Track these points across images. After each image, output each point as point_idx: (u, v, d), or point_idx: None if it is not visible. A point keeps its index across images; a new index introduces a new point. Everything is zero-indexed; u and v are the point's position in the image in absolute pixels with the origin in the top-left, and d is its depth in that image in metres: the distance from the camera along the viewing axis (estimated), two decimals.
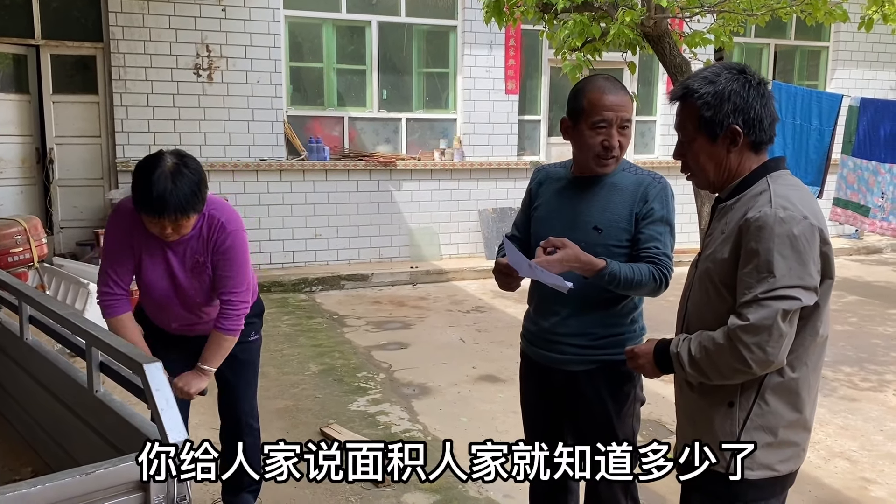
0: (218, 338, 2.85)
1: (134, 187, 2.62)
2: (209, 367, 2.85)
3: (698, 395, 1.95)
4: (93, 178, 8.32)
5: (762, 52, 10.81)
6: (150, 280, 2.85)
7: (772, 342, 1.75)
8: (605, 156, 2.41)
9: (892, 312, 7.33)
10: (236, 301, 2.84)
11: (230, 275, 2.82)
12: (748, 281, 1.78)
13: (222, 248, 2.80)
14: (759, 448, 1.87)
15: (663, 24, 5.10)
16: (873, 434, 4.43)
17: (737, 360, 1.78)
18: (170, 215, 2.60)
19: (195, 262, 2.81)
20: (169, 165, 2.59)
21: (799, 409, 1.89)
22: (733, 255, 1.84)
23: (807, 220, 1.78)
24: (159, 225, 2.64)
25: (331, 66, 8.94)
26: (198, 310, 2.92)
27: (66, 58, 8.13)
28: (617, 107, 2.38)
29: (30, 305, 2.60)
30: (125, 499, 1.69)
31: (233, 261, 2.82)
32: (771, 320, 1.74)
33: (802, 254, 1.76)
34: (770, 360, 1.76)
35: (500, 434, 4.32)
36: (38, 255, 5.65)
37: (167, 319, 2.97)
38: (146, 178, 2.57)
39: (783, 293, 1.74)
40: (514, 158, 9.56)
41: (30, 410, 2.65)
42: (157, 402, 1.76)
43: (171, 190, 2.55)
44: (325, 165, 8.64)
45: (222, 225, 2.80)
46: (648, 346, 2.04)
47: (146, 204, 2.59)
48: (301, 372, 5.38)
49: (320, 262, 8.76)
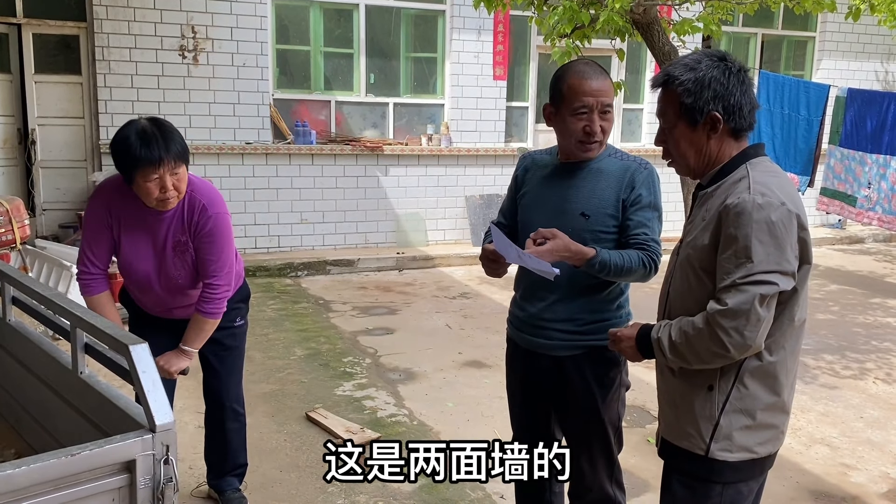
0: (199, 320, 2.84)
1: (122, 152, 2.60)
2: (190, 348, 2.86)
3: (679, 379, 1.97)
4: (76, 160, 8.22)
5: (749, 41, 10.84)
6: (129, 260, 2.83)
7: (750, 326, 1.77)
8: (587, 140, 2.41)
9: (874, 302, 7.41)
10: (217, 284, 2.82)
11: (212, 258, 2.81)
12: (727, 266, 1.81)
13: (204, 232, 2.78)
14: (738, 430, 1.89)
15: (652, 11, 5.10)
16: (853, 421, 4.49)
17: (716, 345, 1.80)
18: (169, 160, 2.58)
19: (177, 242, 2.80)
20: (145, 120, 2.65)
21: (777, 392, 1.92)
22: (713, 241, 1.86)
23: (784, 207, 1.80)
24: (159, 180, 2.60)
25: (318, 49, 8.87)
26: (180, 293, 2.90)
27: (49, 37, 8.01)
28: (597, 92, 2.38)
29: (12, 286, 2.57)
30: (111, 480, 1.67)
31: (213, 244, 2.80)
32: (749, 305, 1.76)
33: (780, 239, 1.78)
34: (748, 344, 1.79)
35: (485, 419, 4.34)
36: (21, 237, 5.59)
37: (149, 301, 2.95)
38: (131, 136, 2.58)
39: (761, 278, 1.77)
40: (502, 145, 9.55)
41: (13, 392, 2.62)
42: (144, 383, 1.75)
43: (160, 135, 2.59)
44: (312, 150, 8.59)
45: (203, 207, 2.77)
46: (631, 330, 2.05)
47: (144, 154, 2.56)
48: (287, 356, 5.37)
49: (306, 246, 8.73)
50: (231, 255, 2.89)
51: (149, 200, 2.67)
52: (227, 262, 2.86)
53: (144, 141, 2.57)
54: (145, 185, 2.61)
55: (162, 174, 2.60)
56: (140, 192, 2.66)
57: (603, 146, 2.47)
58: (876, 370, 5.38)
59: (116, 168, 2.67)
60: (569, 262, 2.30)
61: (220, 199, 2.86)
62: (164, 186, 2.62)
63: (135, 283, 2.91)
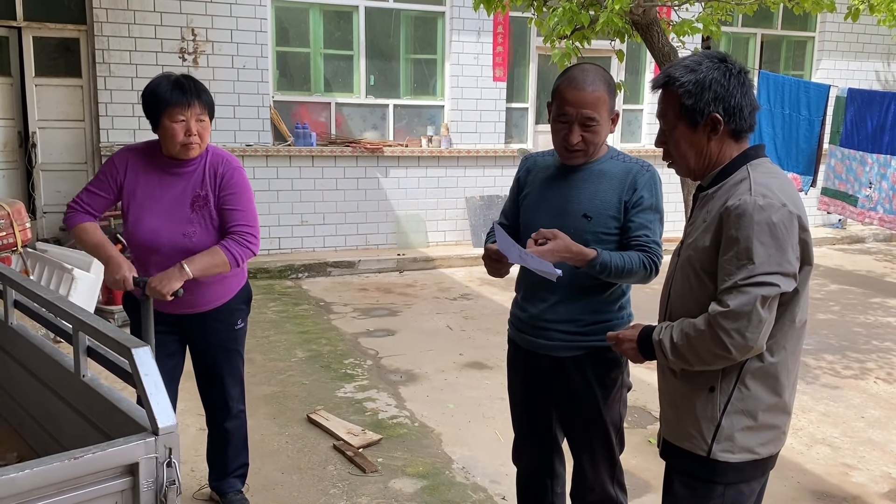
0: (215, 252, 2.79)
1: (154, 94, 2.75)
2: (189, 268, 2.75)
3: (680, 380, 1.98)
4: (76, 163, 8.23)
5: (749, 41, 10.84)
6: (138, 217, 2.84)
7: (751, 328, 1.77)
8: (568, 147, 2.42)
9: (874, 301, 7.41)
10: (247, 233, 2.84)
11: (241, 208, 2.86)
12: (728, 268, 1.81)
13: (231, 182, 2.86)
14: (740, 431, 1.90)
15: (652, 12, 5.10)
16: (854, 421, 4.49)
17: (717, 346, 1.80)
18: (198, 105, 2.75)
19: (196, 196, 2.83)
20: (177, 74, 2.84)
21: (778, 392, 1.92)
22: (714, 242, 1.86)
23: (785, 208, 1.80)
24: (185, 123, 2.73)
25: (318, 51, 8.88)
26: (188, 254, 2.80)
27: (49, 40, 8.01)
28: (579, 104, 2.35)
29: (14, 289, 2.57)
30: (114, 483, 1.68)
31: (241, 195, 2.88)
32: (750, 306, 1.76)
33: (781, 241, 1.78)
34: (750, 345, 1.79)
35: (486, 420, 4.34)
36: (22, 240, 5.59)
37: (153, 266, 2.84)
38: (163, 82, 2.76)
39: (762, 279, 1.77)
40: (502, 146, 9.55)
41: (15, 396, 2.62)
42: (146, 386, 1.75)
43: (192, 84, 2.79)
44: (312, 151, 8.59)
45: (227, 160, 2.89)
46: (633, 331, 2.06)
47: (175, 95, 2.72)
48: (288, 358, 5.37)
49: (307, 248, 8.73)
50: (255, 213, 2.94)
51: (173, 144, 2.77)
52: (255, 218, 2.91)
53: (177, 85, 2.76)
54: (171, 126, 2.74)
55: (188, 117, 2.73)
56: (164, 136, 2.78)
57: (589, 154, 2.45)
58: (877, 370, 5.38)
59: (145, 113, 2.80)
60: (570, 262, 2.31)
61: (239, 163, 2.97)
62: (188, 130, 2.74)
63: (140, 244, 2.86)
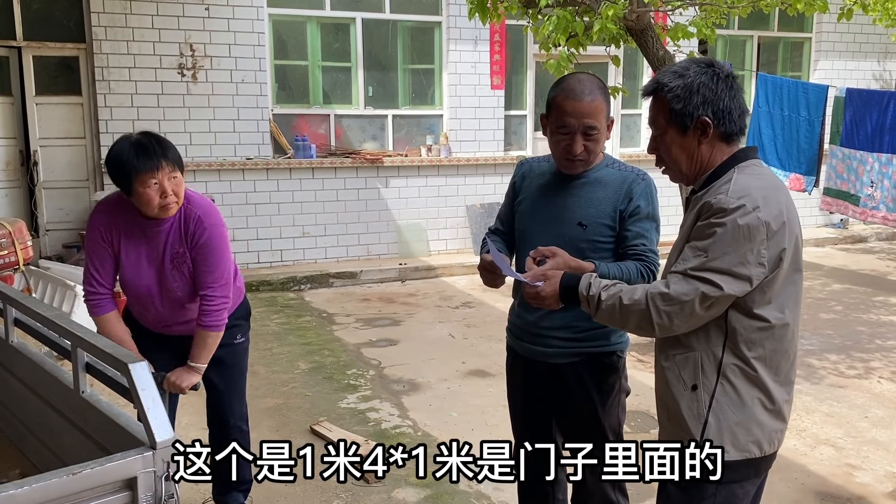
0: (202, 334, 2.87)
1: (119, 164, 2.67)
2: (198, 363, 2.89)
3: (665, 381, 2.00)
4: (78, 180, 8.27)
5: (745, 44, 10.86)
6: (130, 276, 2.87)
7: (682, 316, 1.84)
8: (570, 158, 2.42)
9: (877, 300, 7.40)
10: (214, 296, 2.86)
11: (208, 269, 2.84)
12: (686, 253, 1.87)
13: (200, 243, 2.82)
14: (727, 428, 1.90)
15: (646, 17, 5.13)
16: (858, 421, 4.48)
17: (644, 320, 1.87)
18: (166, 164, 2.67)
19: (174, 254, 2.84)
20: (136, 134, 2.75)
21: (764, 390, 1.92)
22: (687, 236, 1.92)
23: (755, 213, 1.81)
24: (158, 185, 2.67)
25: (316, 63, 8.92)
26: (179, 307, 2.92)
27: (49, 59, 8.07)
28: (581, 114, 2.35)
29: (14, 308, 2.60)
30: (113, 497, 1.69)
31: (209, 255, 2.84)
32: (689, 297, 1.82)
33: (740, 244, 1.80)
34: (673, 330, 1.87)
35: (489, 428, 4.34)
36: (24, 258, 5.62)
37: (150, 318, 2.97)
38: (125, 148, 2.67)
39: (709, 276, 1.81)
40: (501, 154, 9.57)
41: (16, 412, 2.64)
42: (144, 401, 1.77)
43: (155, 143, 2.70)
44: (312, 163, 8.62)
45: (199, 219, 2.83)
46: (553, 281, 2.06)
47: (142, 161, 2.64)
48: (290, 370, 5.38)
49: (308, 260, 8.75)
50: (228, 267, 2.92)
51: (150, 208, 2.72)
52: (224, 273, 2.89)
53: (140, 149, 2.67)
54: (145, 193, 2.67)
55: (160, 178, 2.67)
56: (140, 202, 2.71)
57: (589, 163, 2.46)
58: (881, 369, 5.37)
59: (114, 182, 2.73)
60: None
61: (215, 212, 2.91)
62: (164, 191, 2.68)
63: (136, 299, 2.94)
